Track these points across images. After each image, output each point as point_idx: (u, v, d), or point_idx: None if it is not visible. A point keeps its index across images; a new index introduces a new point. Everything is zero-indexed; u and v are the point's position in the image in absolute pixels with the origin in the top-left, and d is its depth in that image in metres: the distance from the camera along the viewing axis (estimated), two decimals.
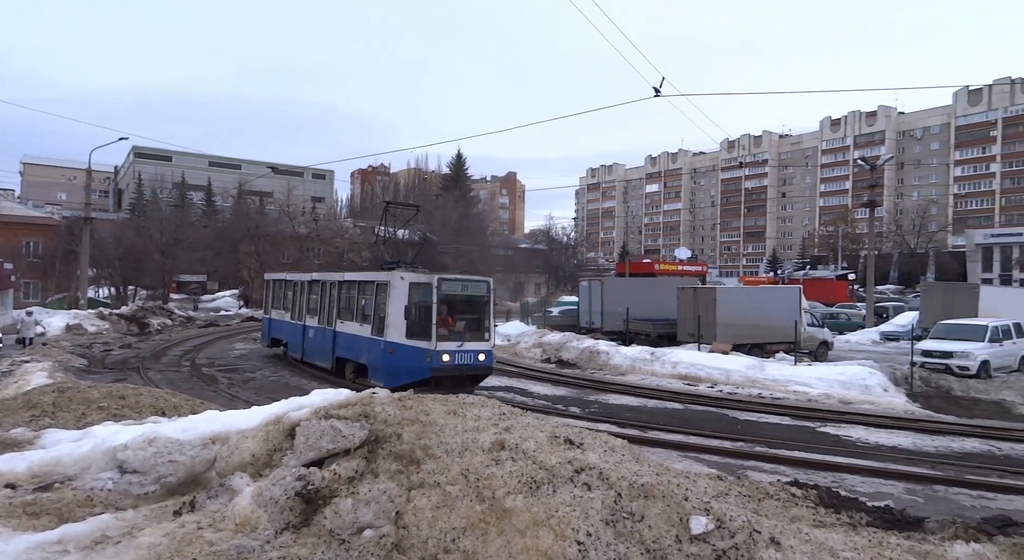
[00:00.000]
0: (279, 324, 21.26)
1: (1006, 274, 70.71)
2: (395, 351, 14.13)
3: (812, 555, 3.15)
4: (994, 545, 3.36)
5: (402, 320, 14.09)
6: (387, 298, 14.53)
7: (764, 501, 4.11)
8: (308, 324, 18.81)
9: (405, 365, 13.98)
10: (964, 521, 3.84)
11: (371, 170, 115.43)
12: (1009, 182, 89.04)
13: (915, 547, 3.36)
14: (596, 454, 4.06)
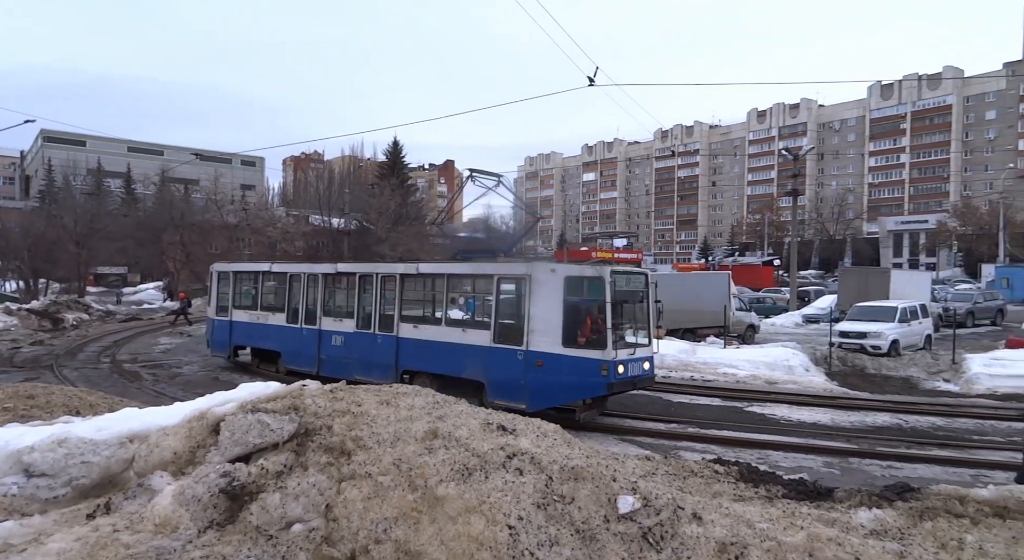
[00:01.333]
0: (255, 329, 16.86)
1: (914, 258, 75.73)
2: (547, 364, 11.20)
3: (731, 528, 3.30)
4: (893, 510, 3.62)
5: (558, 324, 11.11)
6: (529, 296, 11.42)
7: (689, 479, 4.27)
8: (333, 329, 14.80)
9: (565, 381, 11.15)
10: (869, 490, 4.12)
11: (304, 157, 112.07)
12: (917, 172, 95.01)
13: (824, 515, 3.58)
14: (528, 439, 4.11)
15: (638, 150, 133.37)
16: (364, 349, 14.12)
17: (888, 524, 3.44)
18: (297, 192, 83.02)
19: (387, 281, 14.00)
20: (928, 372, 17.78)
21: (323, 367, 14.97)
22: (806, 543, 3.06)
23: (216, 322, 18.18)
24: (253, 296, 17.53)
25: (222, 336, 17.95)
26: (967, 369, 16.83)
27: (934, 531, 3.34)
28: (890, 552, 3.06)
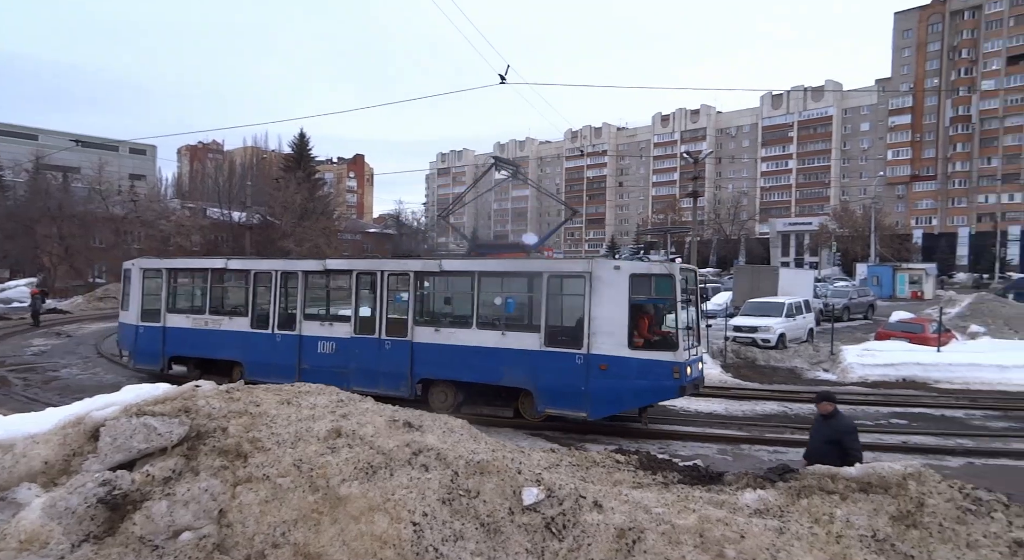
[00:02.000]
0: (202, 336, 14.45)
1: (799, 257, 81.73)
2: (612, 368, 10.56)
3: (629, 513, 3.44)
4: (775, 490, 3.90)
5: (623, 325, 10.51)
6: (590, 296, 10.71)
7: (592, 469, 4.41)
8: (320, 335, 13.17)
9: (633, 385, 10.65)
10: (755, 473, 4.42)
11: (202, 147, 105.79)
12: (802, 177, 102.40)
13: (714, 498, 3.80)
14: (435, 435, 4.09)
15: (549, 149, 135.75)
16: (366, 357, 12.59)
17: (770, 503, 3.71)
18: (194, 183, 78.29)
19: (396, 280, 12.60)
20: (810, 363, 19.21)
21: (306, 378, 12.39)
22: (697, 524, 3.24)
23: (141, 329, 15.02)
24: (198, 298, 15.06)
25: (151, 346, 14.88)
26: (843, 359, 18.33)
27: (809, 507, 3.63)
28: (771, 528, 3.30)
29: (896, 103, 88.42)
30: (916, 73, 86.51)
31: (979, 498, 3.54)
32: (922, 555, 3.19)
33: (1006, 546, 3.16)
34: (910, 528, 3.34)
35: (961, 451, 10.14)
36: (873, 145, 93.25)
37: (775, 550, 3.21)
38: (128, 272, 15.78)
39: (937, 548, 3.19)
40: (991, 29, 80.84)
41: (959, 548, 3.20)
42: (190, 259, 18.40)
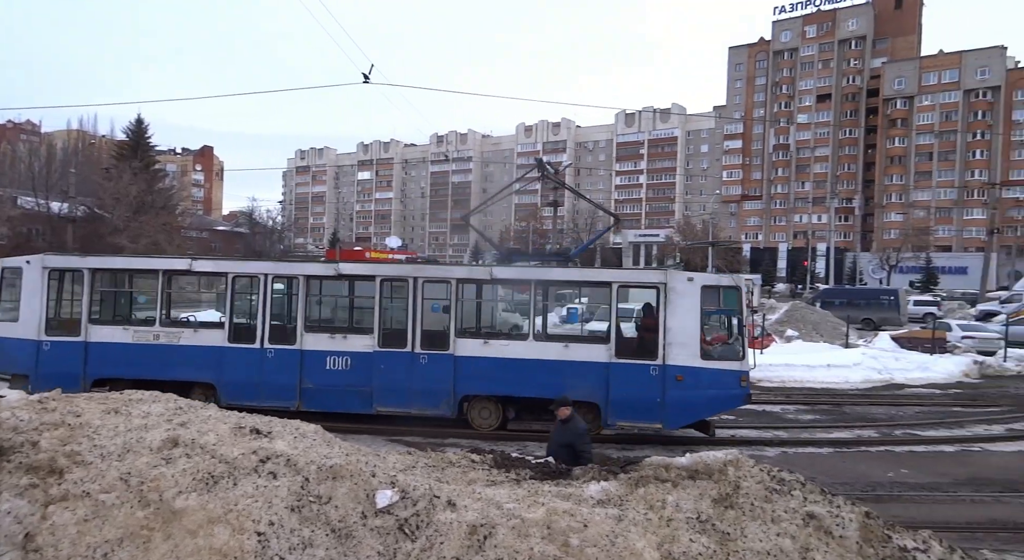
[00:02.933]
0: (150, 353, 11.96)
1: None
2: (687, 378, 10.56)
3: (482, 511, 3.55)
4: (617, 481, 4.22)
5: (696, 336, 10.59)
6: (665, 306, 10.65)
7: (447, 469, 4.47)
8: (329, 349, 11.61)
9: (705, 395, 10.66)
10: (599, 466, 4.74)
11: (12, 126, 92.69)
12: (652, 192, 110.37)
13: (562, 491, 4.02)
14: (285, 441, 3.94)
15: (415, 152, 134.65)
16: (395, 373, 11.39)
17: (612, 493, 4.00)
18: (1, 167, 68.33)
19: (434, 288, 11.51)
20: None
21: (308, 400, 11.59)
22: (545, 517, 3.42)
23: (46, 345, 12.00)
24: (143, 306, 13.04)
25: (64, 366, 11.86)
26: None
27: (645, 495, 3.96)
28: (611, 517, 3.57)
29: (730, 129, 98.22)
30: (746, 103, 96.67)
31: (783, 479, 4.07)
32: (736, 531, 3.61)
33: (801, 519, 3.67)
34: (728, 509, 3.77)
35: (777, 442, 11.46)
36: (711, 166, 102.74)
37: (614, 536, 3.46)
38: (17, 272, 12.43)
39: (748, 524, 3.63)
40: (805, 70, 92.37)
41: (766, 523, 3.65)
42: (128, 257, 15.35)
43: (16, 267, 12.53)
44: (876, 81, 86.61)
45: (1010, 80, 78.32)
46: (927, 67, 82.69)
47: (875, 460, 10.92)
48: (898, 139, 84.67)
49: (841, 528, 3.48)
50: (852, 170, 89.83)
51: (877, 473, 10.09)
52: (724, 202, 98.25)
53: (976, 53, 79.79)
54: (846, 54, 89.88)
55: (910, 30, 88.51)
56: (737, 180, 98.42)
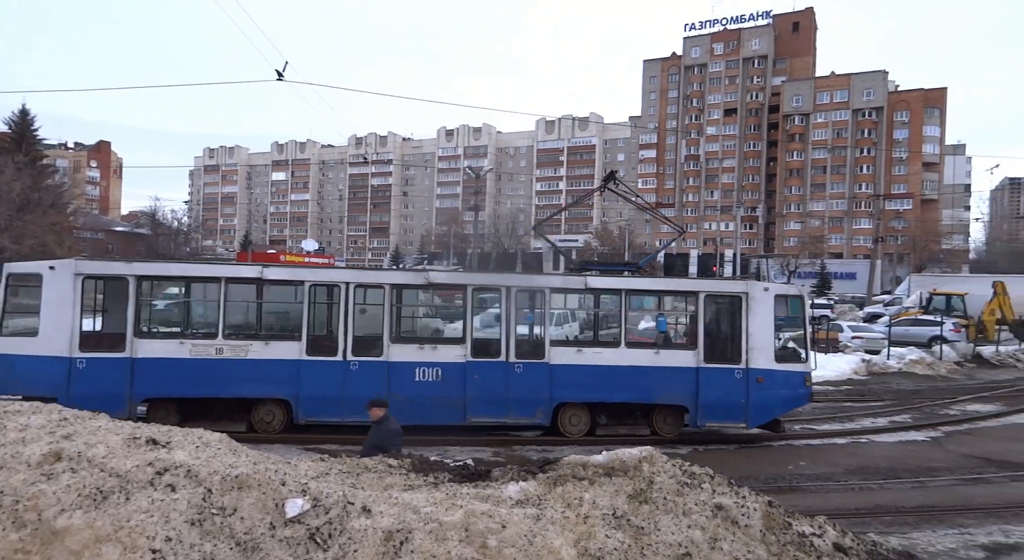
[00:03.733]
0: (209, 369, 10.85)
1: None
2: (767, 380, 11.37)
3: (398, 516, 3.46)
4: (536, 481, 4.23)
5: (771, 340, 11.49)
6: (745, 315, 11.42)
7: (363, 475, 4.34)
8: (416, 360, 11.11)
9: (780, 395, 11.58)
10: (518, 467, 4.74)
11: None
12: (571, 198, 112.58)
13: (481, 493, 3.99)
14: (186, 451, 3.69)
15: (332, 154, 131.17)
16: (490, 383, 11.21)
17: (531, 493, 4.00)
18: None
19: (527, 297, 11.56)
20: None
21: (395, 413, 9.96)
22: (463, 519, 3.37)
23: (80, 363, 10.57)
24: (204, 317, 11.91)
25: (105, 386, 10.53)
26: None
27: (563, 493, 3.99)
28: (530, 516, 3.57)
29: (645, 139, 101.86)
30: (660, 115, 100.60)
31: (693, 473, 4.22)
32: (650, 525, 3.70)
33: (710, 510, 3.81)
34: (642, 503, 3.86)
35: (688, 440, 11.91)
36: (627, 174, 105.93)
37: (532, 535, 3.47)
38: (34, 279, 10.80)
39: (661, 518, 3.73)
40: (713, 85, 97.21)
41: (678, 516, 3.77)
42: (184, 264, 13.64)
43: (32, 274, 10.89)
44: (777, 98, 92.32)
45: (891, 102, 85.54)
46: (821, 87, 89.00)
47: (777, 454, 11.55)
48: (796, 153, 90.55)
49: (747, 518, 3.65)
50: (756, 181, 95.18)
51: (779, 466, 10.68)
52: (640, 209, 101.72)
53: (862, 76, 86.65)
54: (750, 72, 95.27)
55: (806, 52, 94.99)
56: (652, 188, 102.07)
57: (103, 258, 13.81)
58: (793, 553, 3.47)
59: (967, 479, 10.33)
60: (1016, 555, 7.20)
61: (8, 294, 10.77)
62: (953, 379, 21.19)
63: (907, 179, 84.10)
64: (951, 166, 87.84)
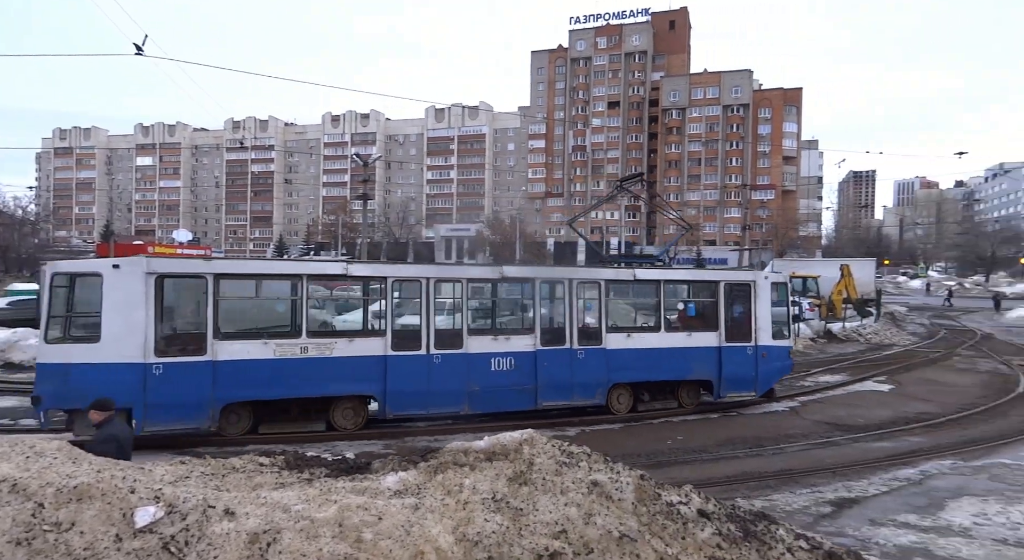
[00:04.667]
0: (291, 369, 10.40)
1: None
2: (769, 354, 13.76)
3: (266, 516, 3.26)
4: (416, 470, 4.16)
5: (769, 321, 13.79)
6: (753, 300, 13.70)
7: (229, 476, 4.07)
8: (491, 351, 11.62)
9: (776, 366, 14.07)
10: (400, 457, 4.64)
11: None
12: (462, 187, 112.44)
13: (358, 486, 3.86)
14: (12, 463, 3.26)
15: (206, 138, 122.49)
16: (557, 369, 12.13)
17: (410, 482, 3.92)
18: None
19: (586, 288, 12.57)
20: None
21: (474, 403, 11.56)
22: (337, 515, 3.24)
23: (157, 369, 9.66)
24: (287, 316, 11.41)
25: (188, 392, 9.79)
26: None
27: (443, 481, 3.95)
28: (408, 506, 3.49)
29: (534, 129, 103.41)
30: (548, 106, 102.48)
31: (571, 453, 4.32)
32: (529, 506, 3.75)
33: (586, 487, 3.92)
34: (522, 485, 3.90)
35: (578, 423, 12.28)
36: (517, 163, 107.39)
37: (409, 525, 3.39)
38: (92, 279, 9.71)
39: (540, 498, 3.78)
40: (597, 78, 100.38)
41: (556, 495, 3.84)
42: (261, 261, 13.10)
43: (90, 272, 9.82)
44: (656, 92, 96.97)
45: (755, 100, 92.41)
46: (695, 83, 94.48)
47: (657, 430, 12.19)
48: (674, 145, 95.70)
49: (620, 492, 3.78)
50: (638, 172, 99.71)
51: (659, 442, 11.27)
52: (530, 198, 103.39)
53: (731, 74, 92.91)
54: (631, 66, 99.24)
55: (681, 49, 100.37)
56: (541, 178, 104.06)
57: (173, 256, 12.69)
58: (662, 521, 3.65)
59: (818, 443, 11.41)
60: (856, 507, 8.05)
61: (53, 296, 9.56)
62: (808, 353, 23.30)
63: (770, 171, 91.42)
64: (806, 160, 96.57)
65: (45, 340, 9.44)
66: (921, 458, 10.29)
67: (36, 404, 9.31)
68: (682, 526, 3.64)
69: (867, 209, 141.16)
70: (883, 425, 12.71)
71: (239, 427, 10.61)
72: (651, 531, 3.57)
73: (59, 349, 9.51)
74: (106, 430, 5.52)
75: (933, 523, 7.47)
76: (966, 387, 17.20)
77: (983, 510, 7.86)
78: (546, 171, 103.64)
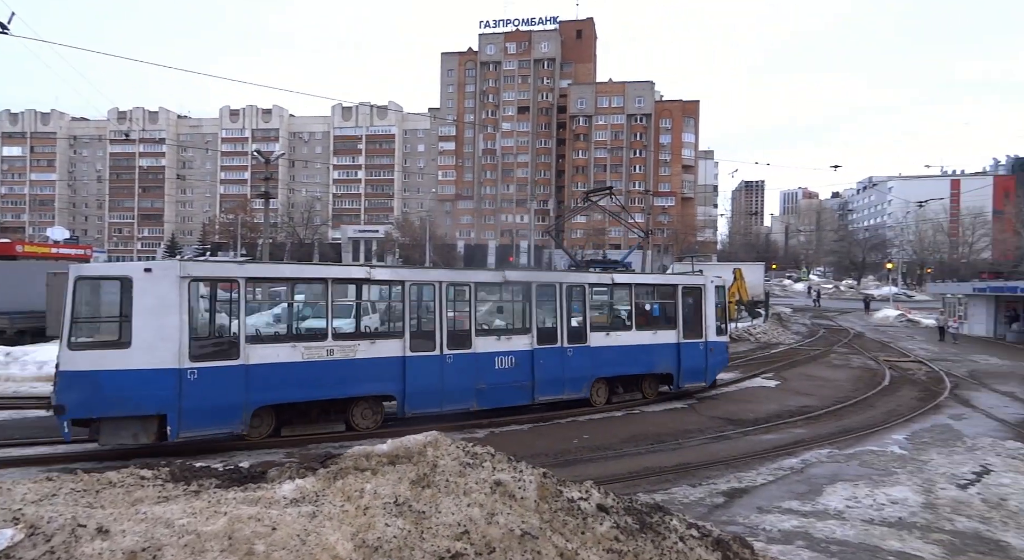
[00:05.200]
0: (315, 371, 10.62)
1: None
2: (715, 350, 15.51)
3: (145, 532, 3.03)
4: (315, 477, 4.00)
5: (715, 320, 15.53)
6: (703, 300, 15.41)
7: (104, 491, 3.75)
8: (496, 350, 12.52)
9: (719, 359, 15.89)
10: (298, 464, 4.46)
11: None
12: (370, 188, 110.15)
13: (250, 496, 3.67)
14: None
15: (87, 128, 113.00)
16: (551, 366, 13.14)
17: (307, 490, 3.77)
18: None
19: (572, 291, 13.64)
20: None
21: (482, 400, 12.37)
22: (227, 527, 3.06)
23: (192, 374, 9.58)
24: (313, 319, 12.45)
25: (222, 397, 9.87)
26: None
27: (343, 487, 3.83)
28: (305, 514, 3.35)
29: (444, 131, 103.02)
30: (458, 108, 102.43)
31: (476, 453, 4.31)
32: (431, 509, 3.70)
33: (489, 487, 3.92)
34: (425, 488, 3.85)
35: (487, 424, 12.31)
36: (427, 165, 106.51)
37: (306, 534, 3.26)
38: (122, 283, 9.50)
39: (443, 500, 3.75)
40: (507, 82, 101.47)
41: (459, 497, 3.82)
42: (290, 265, 12.81)
43: (119, 277, 9.68)
44: (564, 99, 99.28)
45: (657, 110, 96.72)
46: (601, 92, 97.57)
47: (564, 430, 12.43)
48: (581, 151, 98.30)
49: (522, 490, 3.82)
50: (547, 176, 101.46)
51: (566, 441, 11.50)
52: (440, 200, 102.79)
53: (634, 85, 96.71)
54: (540, 72, 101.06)
55: (588, 58, 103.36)
56: (451, 180, 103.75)
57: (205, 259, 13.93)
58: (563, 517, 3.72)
59: (713, 438, 12.06)
60: (746, 496, 8.56)
61: (76, 300, 9.31)
62: None
63: (670, 179, 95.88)
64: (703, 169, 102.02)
65: (69, 346, 9.09)
66: (803, 448, 11.09)
67: (59, 413, 8.99)
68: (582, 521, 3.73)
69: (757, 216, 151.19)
70: (770, 419, 13.61)
71: (261, 431, 10.66)
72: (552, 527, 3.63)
73: (85, 355, 9.20)
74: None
75: (812, 508, 8.06)
76: (841, 382, 18.75)
77: (854, 494, 8.57)
78: (456, 173, 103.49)
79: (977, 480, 9.38)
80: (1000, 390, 17.80)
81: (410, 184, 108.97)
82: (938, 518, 7.78)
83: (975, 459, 10.52)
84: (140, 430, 9.37)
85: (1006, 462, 10.36)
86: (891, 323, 40.92)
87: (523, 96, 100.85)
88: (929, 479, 9.34)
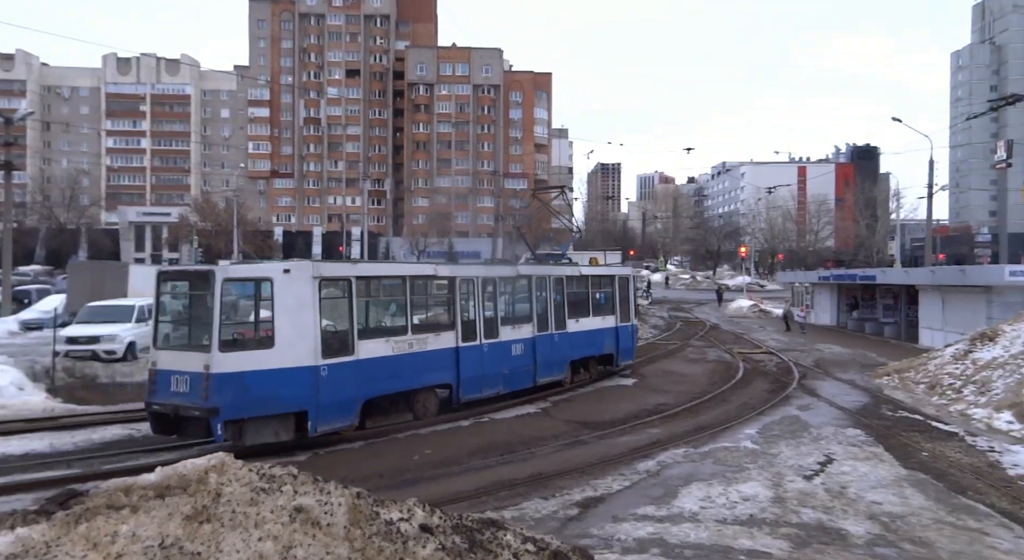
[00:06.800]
0: (398, 364, 12.78)
1: (157, 253, 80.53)
2: (631, 331, 20.25)
3: None
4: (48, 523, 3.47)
5: (633, 305, 20.65)
6: (629, 288, 20.29)
7: None
8: (513, 338, 15.66)
9: (633, 340, 20.55)
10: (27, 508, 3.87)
11: None
12: (159, 161, 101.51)
13: None
14: None
15: None
16: (547, 351, 16.46)
17: (34, 541, 3.25)
18: None
19: (558, 283, 17.33)
20: None
21: (505, 384, 15.39)
22: None
23: (324, 371, 11.29)
24: (397, 315, 13.86)
25: (344, 392, 11.64)
26: None
27: (88, 532, 3.36)
28: None
29: (255, 94, 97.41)
30: (272, 67, 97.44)
31: (273, 476, 4.01)
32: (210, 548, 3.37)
33: (288, 515, 3.66)
34: (203, 524, 3.49)
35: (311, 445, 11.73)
36: (235, 134, 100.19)
37: None
38: (262, 284, 10.99)
39: (227, 536, 3.42)
40: (333, 40, 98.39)
41: (247, 530, 3.51)
42: (389, 264, 18.34)
43: (262, 278, 11.12)
44: (401, 64, 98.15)
45: (506, 81, 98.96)
46: (443, 58, 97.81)
47: (404, 445, 12.23)
48: (422, 125, 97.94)
49: (330, 516, 3.59)
50: (383, 152, 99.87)
51: (405, 458, 11.30)
52: (251, 178, 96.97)
53: (480, 51, 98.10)
54: (372, 30, 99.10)
55: (428, 18, 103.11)
56: (265, 154, 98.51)
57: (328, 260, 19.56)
58: (378, 544, 3.56)
59: (568, 443, 12.50)
60: (601, 505, 8.95)
61: (224, 301, 10.64)
62: None
63: (522, 159, 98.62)
64: (557, 149, 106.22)
65: (219, 349, 10.30)
66: (659, 449, 11.84)
67: (213, 416, 10.12)
68: (402, 546, 3.59)
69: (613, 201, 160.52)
70: (627, 419, 14.42)
71: (353, 424, 12.22)
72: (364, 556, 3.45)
73: (233, 357, 10.52)
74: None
75: (668, 512, 8.60)
76: (697, 376, 20.40)
77: (708, 494, 9.29)
78: (272, 145, 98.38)
79: (821, 470, 10.60)
80: (842, 378, 20.34)
81: (212, 157, 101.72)
82: (786, 512, 8.65)
83: (819, 449, 11.87)
84: (280, 428, 10.96)
85: (847, 450, 11.82)
86: (745, 314, 45.30)
87: (352, 57, 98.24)
88: (778, 473, 10.38)
